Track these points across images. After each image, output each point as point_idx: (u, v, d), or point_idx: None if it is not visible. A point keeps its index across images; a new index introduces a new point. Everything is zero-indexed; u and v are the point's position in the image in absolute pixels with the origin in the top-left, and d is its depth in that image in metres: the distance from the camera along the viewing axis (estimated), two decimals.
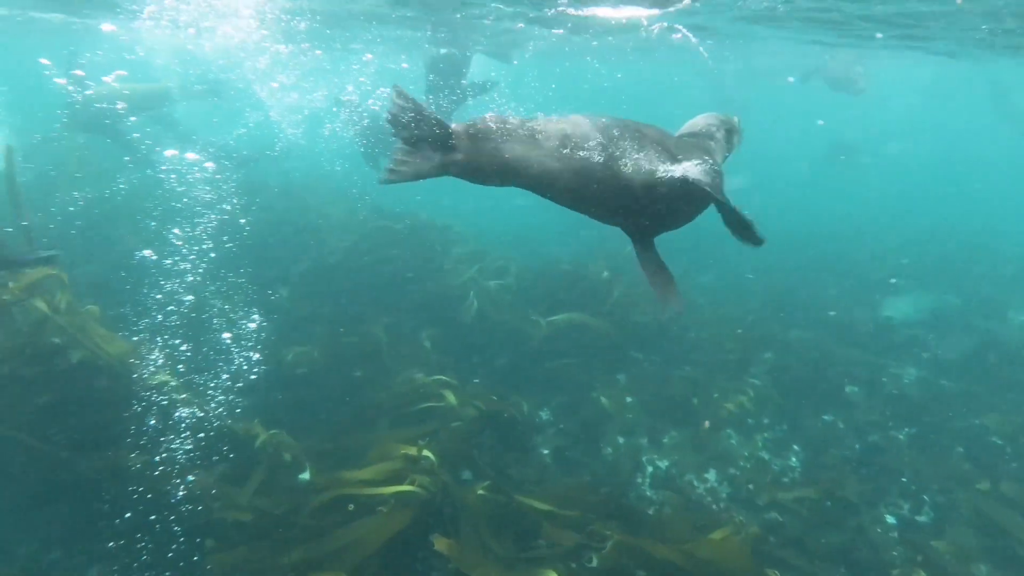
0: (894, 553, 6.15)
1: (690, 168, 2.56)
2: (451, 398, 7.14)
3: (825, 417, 8.49)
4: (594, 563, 5.08)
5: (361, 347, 8.38)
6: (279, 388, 7.56)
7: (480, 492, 5.54)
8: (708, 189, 2.48)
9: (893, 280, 13.77)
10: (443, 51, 13.83)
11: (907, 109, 40.42)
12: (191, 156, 12.65)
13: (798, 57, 18.06)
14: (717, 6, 10.44)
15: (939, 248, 17.22)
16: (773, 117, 43.08)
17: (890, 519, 6.67)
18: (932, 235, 18.74)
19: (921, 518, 6.71)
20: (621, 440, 7.90)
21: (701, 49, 16.70)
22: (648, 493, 7.07)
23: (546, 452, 7.51)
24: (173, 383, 6.38)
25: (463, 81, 13.22)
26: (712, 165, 2.65)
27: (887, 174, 31.76)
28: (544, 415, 8.24)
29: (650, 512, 6.64)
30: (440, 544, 4.88)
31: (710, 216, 2.81)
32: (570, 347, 9.17)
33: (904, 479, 7.14)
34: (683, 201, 2.68)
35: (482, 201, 18.15)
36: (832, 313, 12.02)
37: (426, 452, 5.81)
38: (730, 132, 3.19)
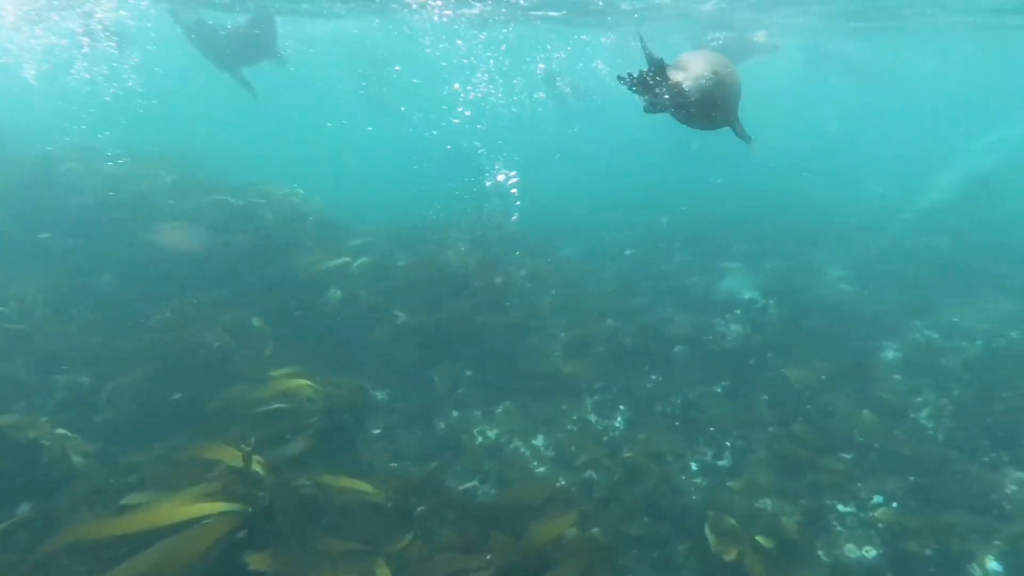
0: (693, 497, 6.64)
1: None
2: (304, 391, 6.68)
3: (653, 377, 9.00)
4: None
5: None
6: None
7: (305, 485, 5.26)
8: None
9: (736, 248, 14.76)
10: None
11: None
12: None
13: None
14: None
15: (783, 217, 18.50)
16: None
17: (694, 466, 7.19)
18: (781, 205, 20.12)
19: (722, 462, 7.26)
20: (455, 414, 8.08)
21: None
22: (478, 463, 7.26)
23: (377, 432, 7.56)
24: None
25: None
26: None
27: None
28: (381, 396, 8.28)
29: (475, 484, 6.88)
30: (256, 562, 4.48)
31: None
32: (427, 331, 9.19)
33: (712, 428, 7.70)
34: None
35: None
36: (677, 280, 12.74)
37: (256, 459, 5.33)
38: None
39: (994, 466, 6.90)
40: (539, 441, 7.69)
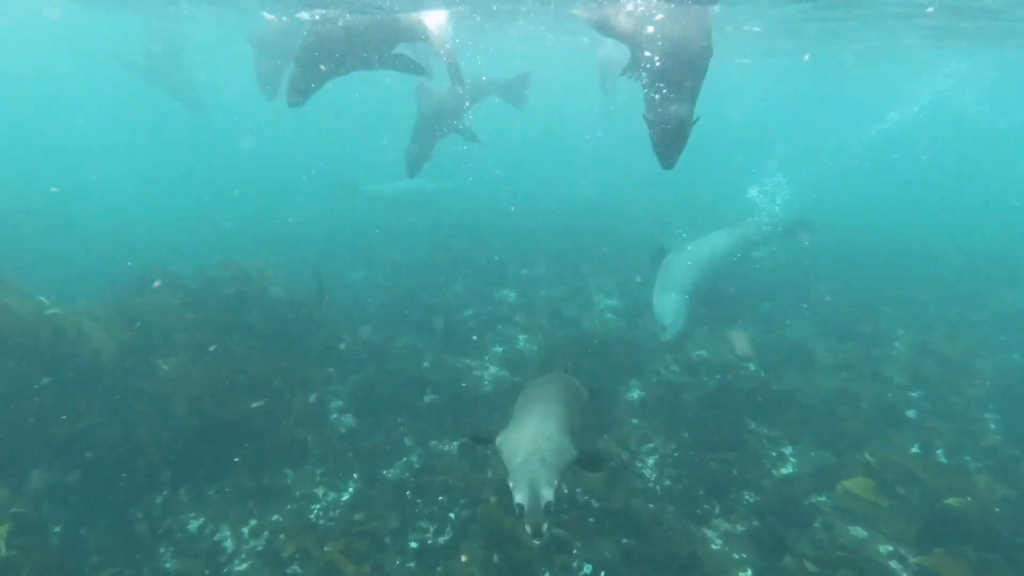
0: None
1: None
2: None
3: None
4: None
5: None
6: None
7: None
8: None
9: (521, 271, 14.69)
10: None
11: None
12: None
13: None
14: None
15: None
16: None
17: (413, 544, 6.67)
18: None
19: (443, 538, 6.80)
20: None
21: None
22: None
23: None
24: None
25: None
26: None
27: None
28: None
29: None
30: None
31: None
32: None
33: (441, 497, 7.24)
34: None
35: None
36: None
37: None
38: None
39: (703, 519, 7.04)
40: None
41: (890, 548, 6.64)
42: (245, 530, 6.86)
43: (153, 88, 19.14)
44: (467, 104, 9.85)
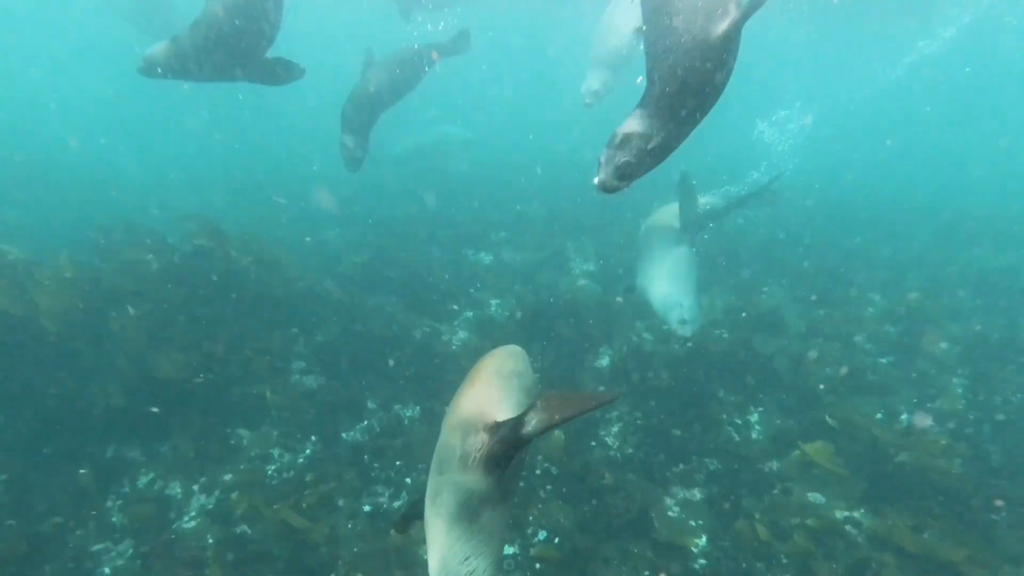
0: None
1: None
2: None
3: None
4: None
5: None
6: None
7: None
8: None
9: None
10: None
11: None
12: None
13: None
14: None
15: None
16: None
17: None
18: None
19: (397, 503, 6.73)
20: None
21: None
22: None
23: None
24: None
25: None
26: None
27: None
28: None
29: None
30: None
31: None
32: None
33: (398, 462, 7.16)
34: None
35: None
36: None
37: None
38: None
39: (662, 486, 7.00)
40: None
41: (846, 513, 6.64)
42: (196, 487, 6.78)
43: (139, 34, 18.32)
44: (426, 70, 8.98)
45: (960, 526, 6.25)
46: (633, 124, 3.25)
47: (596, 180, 3.28)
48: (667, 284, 8.14)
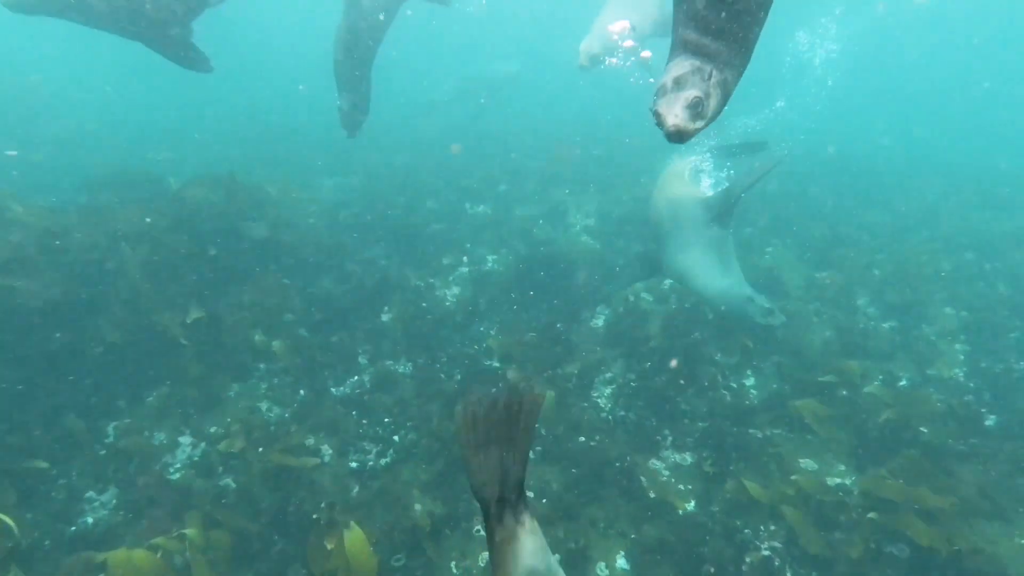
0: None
1: None
2: None
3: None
4: None
5: None
6: None
7: None
8: None
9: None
10: None
11: None
12: None
13: None
14: None
15: None
16: None
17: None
18: None
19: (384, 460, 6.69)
20: None
21: None
22: None
23: None
24: None
25: None
26: None
27: None
28: None
29: None
30: None
31: None
32: None
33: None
34: None
35: None
36: None
37: None
38: None
39: (653, 449, 6.92)
40: None
41: (838, 480, 6.55)
42: (182, 438, 6.73)
43: None
44: (381, 17, 8.35)
45: (951, 480, 6.13)
46: (677, 68, 2.83)
47: (668, 125, 2.78)
48: (719, 276, 7.60)
